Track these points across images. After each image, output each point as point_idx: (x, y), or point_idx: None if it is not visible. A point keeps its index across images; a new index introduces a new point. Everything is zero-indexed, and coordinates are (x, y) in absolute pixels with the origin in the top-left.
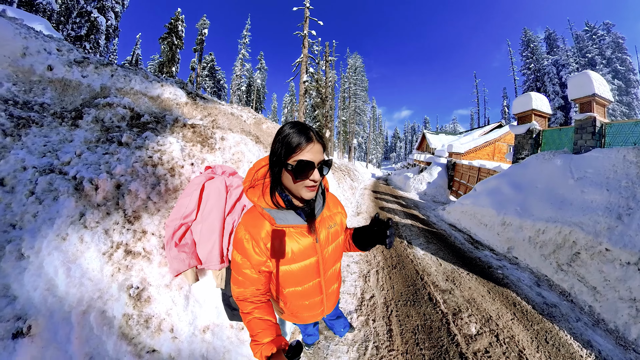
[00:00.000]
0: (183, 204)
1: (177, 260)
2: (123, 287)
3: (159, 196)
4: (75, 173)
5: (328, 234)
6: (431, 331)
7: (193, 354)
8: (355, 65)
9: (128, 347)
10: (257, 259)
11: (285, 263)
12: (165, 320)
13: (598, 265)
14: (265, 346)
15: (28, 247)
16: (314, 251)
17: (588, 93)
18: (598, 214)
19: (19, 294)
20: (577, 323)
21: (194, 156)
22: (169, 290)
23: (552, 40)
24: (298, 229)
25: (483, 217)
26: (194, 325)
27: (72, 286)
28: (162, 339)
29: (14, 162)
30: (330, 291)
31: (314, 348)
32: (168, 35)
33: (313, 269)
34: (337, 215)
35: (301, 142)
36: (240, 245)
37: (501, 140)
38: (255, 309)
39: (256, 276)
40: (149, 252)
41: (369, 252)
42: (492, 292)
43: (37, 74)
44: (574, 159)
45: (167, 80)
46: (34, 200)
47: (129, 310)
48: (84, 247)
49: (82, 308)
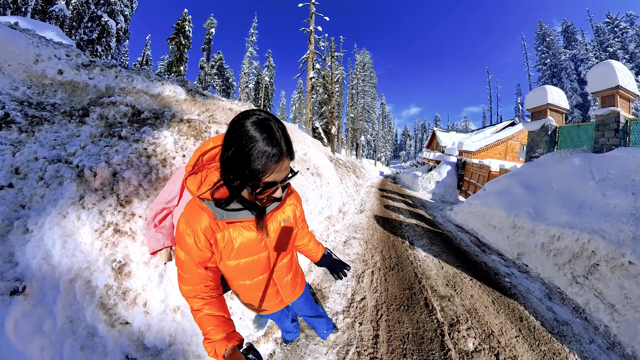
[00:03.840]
0: (167, 190)
1: (153, 240)
2: (108, 261)
3: (149, 184)
4: (79, 162)
5: (279, 227)
6: (422, 342)
7: (162, 331)
8: (364, 61)
9: (104, 316)
10: (201, 254)
11: (231, 259)
12: (141, 295)
13: (619, 280)
14: (218, 343)
15: (33, 223)
16: (264, 246)
17: (611, 85)
18: (622, 221)
19: (20, 261)
20: (590, 345)
21: (187, 148)
22: (146, 267)
23: (570, 34)
24: (245, 223)
25: (492, 218)
26: (166, 303)
27: (65, 257)
28: (135, 312)
29: (28, 153)
30: (285, 282)
31: (292, 345)
32: (176, 36)
33: (262, 264)
34: (289, 207)
35: (271, 163)
36: (182, 241)
37: (514, 139)
38: (206, 305)
39: (203, 272)
40: (134, 232)
41: (367, 251)
42: (497, 302)
43: (48, 77)
44: (595, 159)
45: (168, 79)
46: (42, 185)
47: (111, 281)
48: (80, 224)
49: (70, 276)
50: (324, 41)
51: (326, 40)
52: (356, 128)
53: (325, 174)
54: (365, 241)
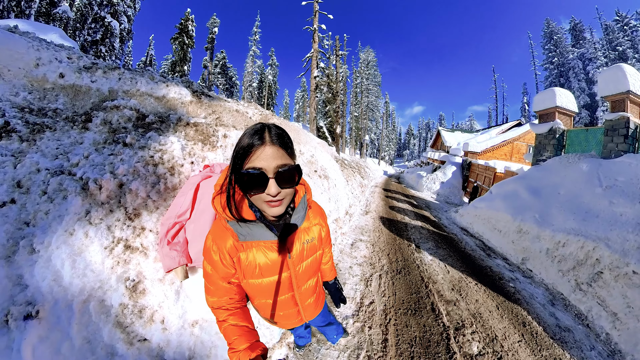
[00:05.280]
0: (178, 202)
1: (168, 258)
2: (121, 279)
3: (158, 194)
4: (82, 174)
5: (303, 249)
6: (429, 345)
7: (181, 346)
8: (368, 59)
9: (121, 335)
10: (226, 270)
11: (252, 277)
12: (157, 311)
13: (622, 288)
14: (242, 353)
15: (39, 243)
16: (285, 267)
17: (621, 90)
18: (627, 230)
19: (30, 283)
20: (590, 352)
21: (195, 154)
22: (162, 284)
23: (578, 32)
24: (268, 244)
25: (498, 222)
26: (184, 318)
27: (76, 277)
28: (153, 329)
29: (29, 165)
30: (307, 304)
31: (304, 350)
32: (179, 35)
33: (285, 285)
34: (315, 227)
35: (252, 145)
36: (208, 256)
37: (520, 140)
38: (230, 315)
39: (227, 286)
40: (146, 247)
41: (374, 254)
42: (501, 307)
43: (50, 81)
44: (603, 165)
45: (173, 80)
46: (46, 200)
47: (125, 300)
48: (89, 241)
49: (84, 297)
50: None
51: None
52: (360, 127)
53: (332, 175)
54: (372, 244)
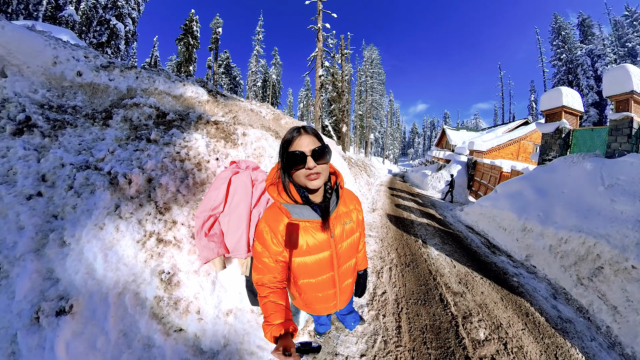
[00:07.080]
0: (211, 196)
1: (206, 249)
2: (155, 272)
3: (187, 189)
4: (110, 169)
5: (343, 230)
6: (439, 332)
7: (216, 334)
8: (372, 57)
9: (158, 326)
10: (275, 249)
11: (300, 255)
12: (193, 303)
13: (622, 283)
14: (275, 327)
15: (69, 236)
16: (328, 245)
17: (625, 90)
18: (627, 227)
19: (62, 277)
20: (591, 342)
21: (218, 151)
22: (197, 275)
23: (587, 27)
24: (314, 224)
25: (502, 220)
26: (219, 308)
27: (109, 270)
28: (189, 320)
29: (53, 159)
30: (345, 285)
31: (324, 337)
32: (184, 36)
33: (327, 263)
34: (353, 212)
35: (292, 136)
36: (260, 236)
37: (527, 139)
38: (271, 293)
39: (273, 265)
40: (179, 240)
41: (383, 248)
42: (505, 299)
43: (67, 79)
44: (606, 164)
45: (189, 80)
46: (72, 194)
47: (160, 293)
48: (120, 235)
49: (118, 290)
50: (332, 38)
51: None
52: (365, 125)
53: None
54: (381, 239)
